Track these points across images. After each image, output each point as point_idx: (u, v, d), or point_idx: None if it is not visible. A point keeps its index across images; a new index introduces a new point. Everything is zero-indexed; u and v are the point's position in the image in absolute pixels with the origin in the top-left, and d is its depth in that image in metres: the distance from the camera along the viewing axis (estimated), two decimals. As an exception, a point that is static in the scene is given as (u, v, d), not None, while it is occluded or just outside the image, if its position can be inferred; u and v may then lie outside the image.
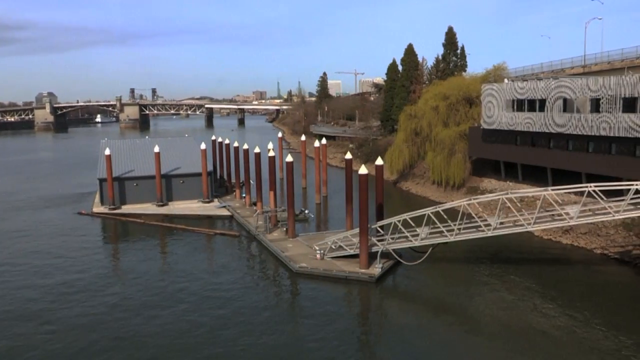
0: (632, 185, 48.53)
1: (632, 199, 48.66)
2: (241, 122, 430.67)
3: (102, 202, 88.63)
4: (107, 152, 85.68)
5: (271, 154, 76.63)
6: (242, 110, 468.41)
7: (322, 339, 41.98)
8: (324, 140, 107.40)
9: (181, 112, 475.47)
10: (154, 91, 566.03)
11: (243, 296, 50.82)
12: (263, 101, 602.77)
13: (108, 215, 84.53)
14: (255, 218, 74.74)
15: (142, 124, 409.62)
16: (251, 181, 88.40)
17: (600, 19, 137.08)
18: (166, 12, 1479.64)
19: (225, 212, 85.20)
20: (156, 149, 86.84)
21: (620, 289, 52.92)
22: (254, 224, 73.33)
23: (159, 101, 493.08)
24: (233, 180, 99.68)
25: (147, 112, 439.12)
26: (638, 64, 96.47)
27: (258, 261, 63.27)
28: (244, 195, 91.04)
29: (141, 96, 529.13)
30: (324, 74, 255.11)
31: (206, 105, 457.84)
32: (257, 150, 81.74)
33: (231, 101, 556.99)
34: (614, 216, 49.87)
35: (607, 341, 41.37)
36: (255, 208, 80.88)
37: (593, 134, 68.93)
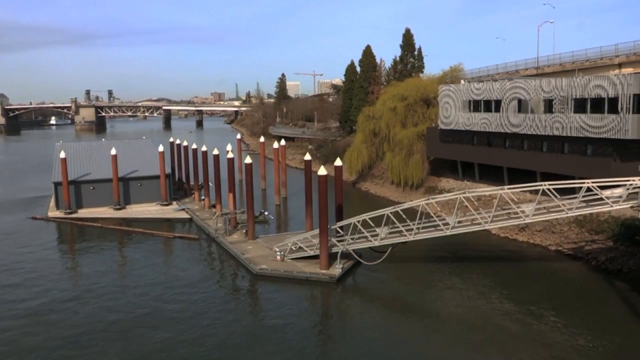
0: (584, 183, 49.75)
1: (584, 196, 49.82)
2: (199, 123, 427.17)
3: (58, 207, 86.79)
4: (63, 155, 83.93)
5: (230, 155, 76.26)
6: (201, 112, 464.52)
7: (283, 341, 41.93)
8: (283, 142, 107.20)
9: (138, 114, 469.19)
10: (110, 93, 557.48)
11: (203, 300, 50.39)
12: (221, 103, 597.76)
13: (64, 219, 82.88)
14: (214, 220, 74.27)
15: (99, 126, 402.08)
16: (210, 183, 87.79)
17: (552, 22, 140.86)
18: (123, 12, 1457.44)
19: (184, 215, 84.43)
20: (113, 152, 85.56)
21: (574, 284, 54.35)
22: (214, 227, 72.85)
23: (116, 103, 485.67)
24: (192, 183, 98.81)
25: (104, 114, 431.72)
26: (588, 66, 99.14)
27: (218, 264, 62.90)
28: (203, 197, 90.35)
29: (97, 98, 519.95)
30: (283, 75, 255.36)
31: (164, 107, 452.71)
32: (215, 152, 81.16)
33: (189, 103, 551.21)
34: (567, 213, 51.02)
35: (562, 334, 42.42)
36: (214, 210, 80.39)
37: (547, 133, 70.49)
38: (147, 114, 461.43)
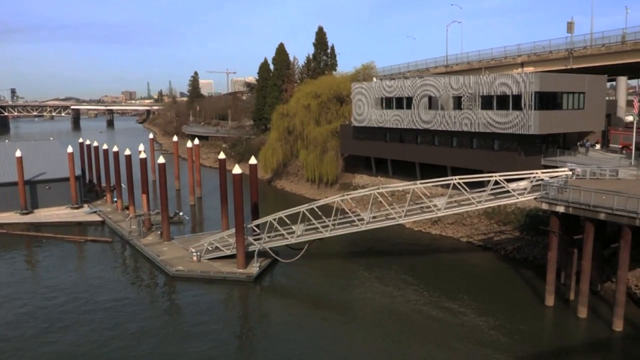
0: (492, 177, 51.68)
1: (492, 189, 51.77)
2: (110, 123, 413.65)
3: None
4: (-39, 158, 79.41)
5: (142, 155, 74.40)
6: (111, 112, 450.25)
7: (202, 342, 41.29)
8: (196, 141, 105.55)
9: (45, 113, 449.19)
10: (13, 91, 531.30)
11: (119, 305, 48.78)
12: (133, 102, 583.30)
13: (-37, 226, 78.36)
14: (128, 222, 72.26)
15: (1, 126, 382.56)
16: (122, 184, 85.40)
17: (459, 22, 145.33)
18: (26, 6, 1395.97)
19: (96, 218, 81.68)
20: (18, 154, 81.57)
21: (485, 273, 56.44)
22: (127, 229, 70.86)
23: (20, 102, 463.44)
24: (103, 184, 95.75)
25: (7, 113, 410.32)
26: (493, 65, 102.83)
27: (133, 267, 61.14)
28: (115, 199, 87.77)
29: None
30: (195, 73, 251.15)
31: (72, 107, 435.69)
32: (127, 152, 78.89)
33: (99, 102, 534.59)
34: (477, 206, 52.84)
35: (476, 320, 44.06)
36: (127, 212, 78.26)
37: (456, 129, 72.69)
38: (54, 113, 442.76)
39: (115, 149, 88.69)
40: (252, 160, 63.54)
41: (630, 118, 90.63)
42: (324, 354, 39.86)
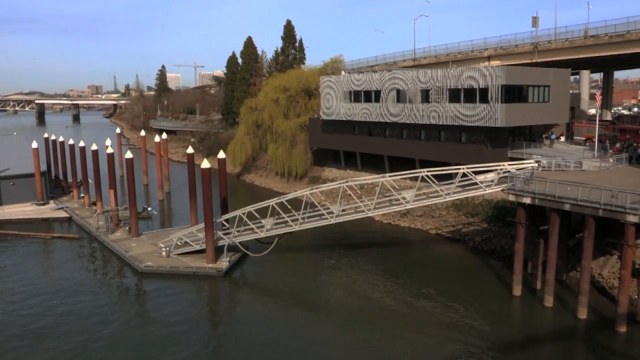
0: (460, 169, 52.24)
1: (460, 181, 52.34)
2: (76, 118, 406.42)
3: None
4: None
5: (109, 150, 73.36)
6: (77, 106, 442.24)
7: (172, 338, 41.04)
8: (164, 135, 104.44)
9: (8, 108, 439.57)
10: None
11: (86, 302, 48.16)
12: (99, 96, 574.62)
13: None
14: (95, 218, 71.36)
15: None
16: (89, 180, 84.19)
17: (427, 16, 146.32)
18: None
19: (62, 214, 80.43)
20: (-21, 149, 79.99)
21: (454, 264, 57.17)
22: (95, 225, 69.96)
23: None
24: (70, 180, 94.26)
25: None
26: (460, 59, 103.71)
27: (101, 263, 60.34)
28: (82, 195, 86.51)
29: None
30: (163, 67, 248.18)
31: (37, 101, 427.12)
32: (94, 147, 77.84)
33: (64, 96, 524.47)
34: (445, 198, 53.42)
35: (445, 311, 44.63)
36: (95, 208, 77.29)
37: (424, 122, 73.22)
38: (17, 108, 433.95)
39: (81, 144, 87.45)
40: (221, 155, 63.23)
41: (593, 111, 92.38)
42: (294, 348, 39.94)
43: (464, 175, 52.13)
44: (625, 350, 38.94)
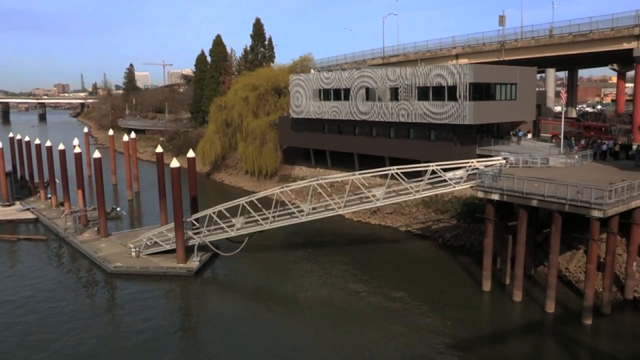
0: (429, 166, 52.67)
1: (429, 179, 52.76)
2: (42, 117, 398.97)
3: None
4: None
5: (77, 150, 72.34)
6: (43, 105, 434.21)
7: (143, 339, 40.66)
8: (133, 134, 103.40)
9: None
10: None
11: (55, 305, 47.33)
12: (66, 95, 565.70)
13: None
14: (63, 219, 70.30)
15: None
16: (57, 180, 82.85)
17: (395, 14, 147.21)
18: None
19: (29, 215, 79.02)
20: (-59, 149, 78.22)
21: (424, 261, 57.57)
22: (63, 226, 68.89)
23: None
24: (37, 181, 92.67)
25: None
26: (429, 57, 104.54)
27: (69, 265, 59.37)
28: (49, 195, 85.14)
29: None
30: (131, 65, 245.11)
31: (1, 100, 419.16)
32: (61, 147, 76.66)
33: (30, 95, 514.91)
34: (415, 195, 53.80)
35: (416, 308, 45.02)
36: (62, 209, 76.11)
37: (393, 120, 73.61)
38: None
39: (48, 143, 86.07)
40: (190, 154, 62.84)
41: (558, 108, 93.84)
42: (266, 347, 39.83)
43: (433, 172, 52.58)
44: (591, 342, 39.79)
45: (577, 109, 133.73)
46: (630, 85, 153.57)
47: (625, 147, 62.83)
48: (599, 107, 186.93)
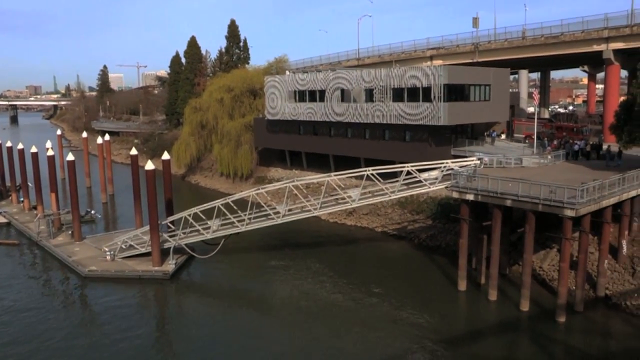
0: (404, 167, 52.94)
1: (404, 179, 53.02)
2: (14, 119, 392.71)
3: None
4: None
5: (50, 153, 71.48)
6: (15, 107, 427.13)
7: (119, 344, 40.20)
8: (107, 137, 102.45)
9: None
10: None
11: (29, 310, 46.57)
12: (38, 97, 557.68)
13: None
14: (36, 223, 69.26)
15: None
16: (29, 183, 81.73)
17: (370, 16, 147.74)
18: None
19: (1, 219, 77.84)
20: None
21: (400, 262, 57.83)
22: (36, 230, 67.89)
23: None
24: (8, 184, 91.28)
25: None
26: (404, 58, 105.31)
27: (42, 269, 58.48)
28: (21, 199, 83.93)
29: None
30: (105, 67, 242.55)
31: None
32: (34, 149, 75.64)
33: (1, 97, 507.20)
34: (390, 196, 54.01)
35: (391, 309, 45.22)
36: (35, 212, 74.99)
37: (369, 121, 73.86)
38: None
39: (20, 146, 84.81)
40: (165, 156, 62.48)
41: (531, 109, 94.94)
42: (242, 350, 39.71)
43: (409, 173, 52.85)
44: (564, 339, 40.36)
45: (549, 109, 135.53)
46: (600, 86, 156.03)
47: (596, 147, 63.76)
48: (570, 108, 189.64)
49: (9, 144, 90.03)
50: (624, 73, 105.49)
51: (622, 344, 39.76)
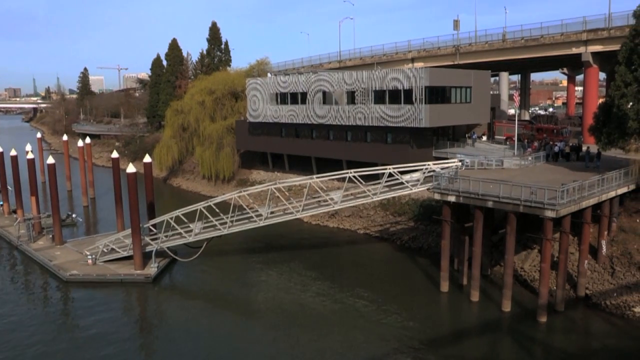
0: (386, 169, 53.07)
1: (386, 181, 53.17)
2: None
3: None
4: None
5: (30, 156, 70.74)
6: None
7: (101, 349, 39.86)
8: (88, 140, 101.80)
9: None
10: None
11: (9, 316, 46.11)
12: (17, 99, 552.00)
13: None
14: (16, 227, 68.54)
15: None
16: (9, 187, 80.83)
17: (352, 18, 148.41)
18: None
19: (-22, 224, 76.89)
20: None
21: (382, 263, 57.96)
22: (16, 234, 67.15)
23: None
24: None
25: None
26: (385, 60, 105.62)
27: (23, 274, 57.75)
28: (1, 203, 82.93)
29: None
30: (85, 69, 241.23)
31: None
32: (13, 152, 74.80)
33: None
34: (372, 198, 54.12)
35: (373, 311, 45.26)
36: (15, 216, 74.18)
37: (350, 124, 73.97)
38: None
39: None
40: (147, 159, 62.19)
41: (512, 111, 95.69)
42: (225, 353, 39.60)
43: (390, 175, 52.97)
44: (545, 339, 40.67)
45: (529, 111, 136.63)
46: (579, 88, 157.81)
47: (576, 148, 64.37)
48: (550, 109, 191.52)
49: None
50: (602, 75, 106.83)
51: (602, 343, 40.26)
